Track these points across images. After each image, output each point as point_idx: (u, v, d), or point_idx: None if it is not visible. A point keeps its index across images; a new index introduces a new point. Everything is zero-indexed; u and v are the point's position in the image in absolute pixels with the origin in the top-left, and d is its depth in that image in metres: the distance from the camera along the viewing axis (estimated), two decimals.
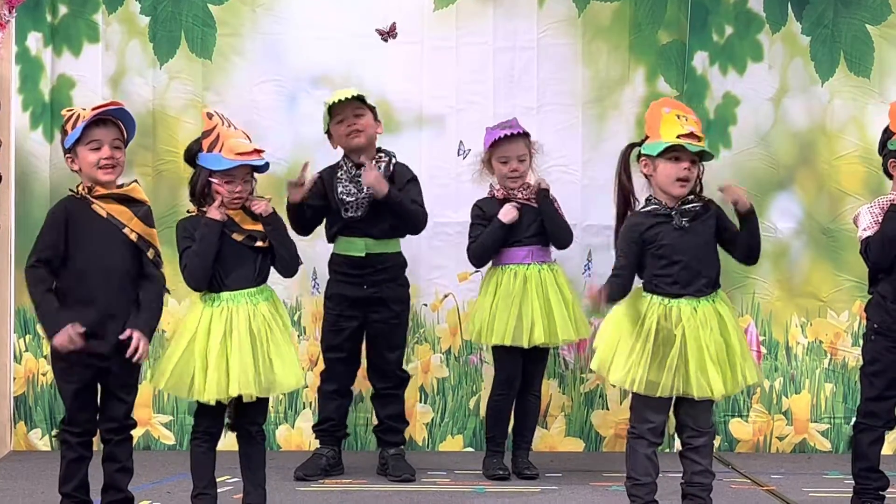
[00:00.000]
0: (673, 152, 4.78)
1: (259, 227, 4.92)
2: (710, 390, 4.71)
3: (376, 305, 5.95)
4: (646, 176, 4.89)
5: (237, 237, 4.87)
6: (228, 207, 4.86)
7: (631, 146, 4.96)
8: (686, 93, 6.66)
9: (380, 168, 5.89)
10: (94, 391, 4.75)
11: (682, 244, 4.79)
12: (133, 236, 4.70)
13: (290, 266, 5.02)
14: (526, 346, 5.89)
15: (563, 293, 6.00)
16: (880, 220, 4.99)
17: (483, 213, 6.02)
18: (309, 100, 6.64)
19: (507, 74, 6.74)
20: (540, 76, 6.73)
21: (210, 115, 4.92)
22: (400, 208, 5.85)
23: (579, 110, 6.74)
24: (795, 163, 6.78)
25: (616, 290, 4.80)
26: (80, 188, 4.74)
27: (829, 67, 6.74)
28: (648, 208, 4.86)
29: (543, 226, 6.01)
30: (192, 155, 4.93)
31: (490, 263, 6.06)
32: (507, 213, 5.92)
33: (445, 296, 6.70)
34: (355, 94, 5.87)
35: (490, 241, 5.94)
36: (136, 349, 4.64)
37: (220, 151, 4.82)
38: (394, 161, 5.99)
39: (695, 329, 4.73)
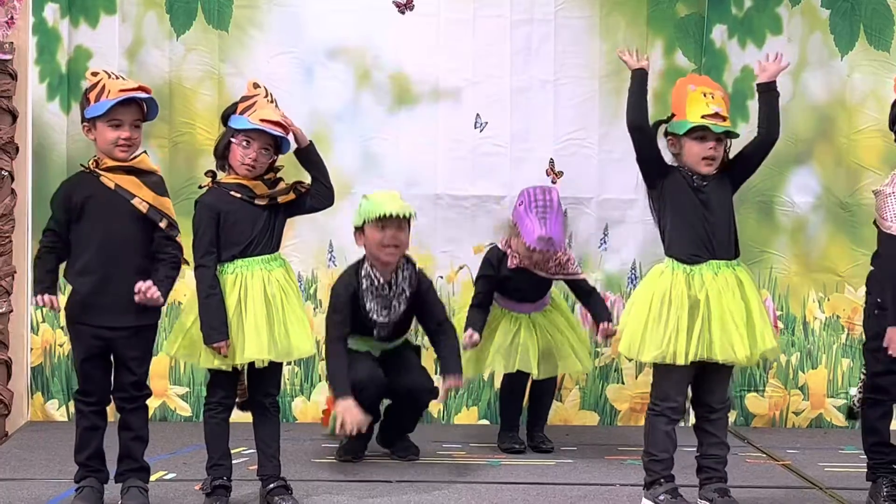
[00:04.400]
0: (698, 132, 4.79)
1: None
2: (734, 353, 4.70)
3: None
4: (673, 154, 4.89)
5: (260, 202, 4.87)
6: (239, 172, 4.87)
7: (658, 124, 4.94)
8: (704, 66, 6.62)
9: (406, 276, 5.58)
10: (105, 361, 4.75)
11: (699, 208, 4.78)
12: (143, 207, 4.65)
13: (328, 194, 5.04)
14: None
15: (570, 322, 6.08)
16: None
17: (494, 268, 5.93)
18: (325, 72, 6.64)
19: (523, 47, 6.71)
20: (557, 49, 6.70)
21: (256, 86, 4.95)
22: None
23: (596, 84, 6.71)
24: (814, 137, 6.75)
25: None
26: (90, 162, 4.73)
27: (848, 41, 6.70)
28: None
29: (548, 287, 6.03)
30: (226, 115, 4.96)
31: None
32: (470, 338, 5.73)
33: (460, 268, 6.68)
34: (411, 213, 5.49)
35: None
36: (147, 290, 4.59)
37: (248, 116, 4.85)
38: (417, 268, 5.67)
39: (717, 292, 4.73)
